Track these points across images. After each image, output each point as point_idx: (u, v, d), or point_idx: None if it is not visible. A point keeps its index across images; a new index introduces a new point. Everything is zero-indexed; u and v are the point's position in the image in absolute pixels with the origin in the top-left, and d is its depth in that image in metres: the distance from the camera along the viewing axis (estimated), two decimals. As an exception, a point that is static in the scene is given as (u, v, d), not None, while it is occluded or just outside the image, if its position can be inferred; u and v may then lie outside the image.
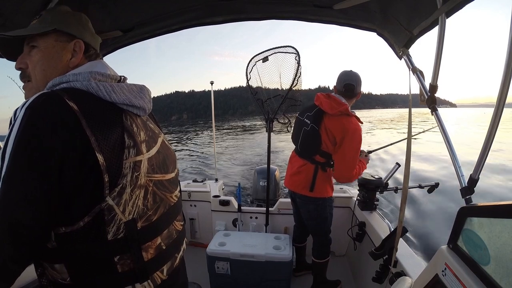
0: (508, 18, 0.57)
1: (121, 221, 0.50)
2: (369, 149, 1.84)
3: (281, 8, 1.17)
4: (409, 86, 1.01)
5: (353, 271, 1.95)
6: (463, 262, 0.68)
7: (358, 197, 1.88)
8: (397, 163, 1.75)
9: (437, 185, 1.58)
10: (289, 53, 1.93)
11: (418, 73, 1.04)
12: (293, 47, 1.91)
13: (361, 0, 0.95)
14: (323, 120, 1.49)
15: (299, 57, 1.90)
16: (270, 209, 2.11)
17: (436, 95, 0.94)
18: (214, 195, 2.29)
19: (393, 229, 1.31)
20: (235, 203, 2.21)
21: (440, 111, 0.95)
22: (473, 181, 0.73)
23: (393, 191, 1.74)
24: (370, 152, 1.77)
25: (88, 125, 0.47)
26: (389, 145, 2.14)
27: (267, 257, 1.57)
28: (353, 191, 2.22)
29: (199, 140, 18.03)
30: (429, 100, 0.94)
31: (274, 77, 2.05)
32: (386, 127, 24.37)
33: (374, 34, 1.23)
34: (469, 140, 11.43)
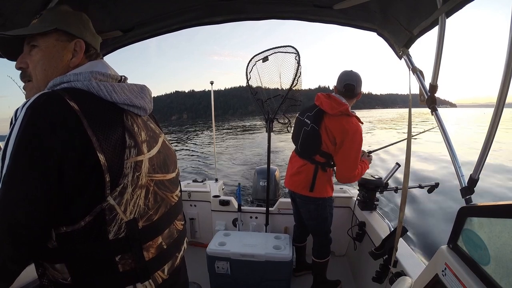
0: (508, 18, 0.57)
1: (122, 221, 0.50)
2: (370, 149, 1.84)
3: (281, 8, 1.17)
4: (409, 86, 1.01)
5: (353, 271, 1.95)
6: (463, 262, 0.68)
7: (358, 197, 1.88)
8: (397, 163, 1.75)
9: (437, 185, 1.58)
10: (289, 53, 1.93)
11: (418, 73, 1.04)
12: (293, 47, 1.91)
13: (361, 0, 0.96)
14: (323, 120, 1.49)
15: (299, 57, 1.89)
16: (270, 209, 2.11)
17: (436, 95, 0.94)
18: (214, 195, 2.29)
19: (393, 229, 1.31)
20: (235, 203, 2.21)
21: (440, 111, 0.95)
22: (473, 181, 0.73)
23: (393, 191, 1.75)
24: (370, 152, 1.77)
25: (89, 125, 0.47)
26: (389, 145, 2.14)
27: (267, 257, 1.57)
28: (353, 191, 2.22)
29: (199, 140, 18.04)
30: (429, 100, 0.94)
31: (274, 77, 2.05)
32: (386, 127, 24.36)
33: (374, 34, 1.24)
34: (469, 140, 11.44)
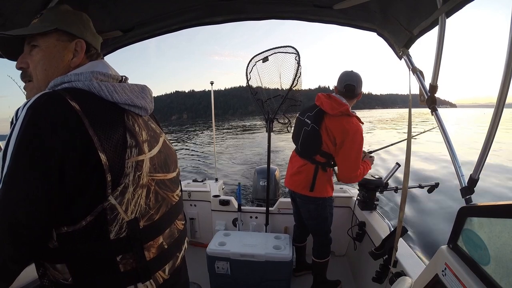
0: (508, 18, 0.57)
1: (123, 220, 0.50)
2: (370, 149, 1.84)
3: (281, 8, 1.17)
4: (409, 86, 1.01)
5: (353, 271, 1.95)
6: (463, 262, 0.68)
7: (358, 197, 1.88)
8: (397, 163, 1.75)
9: (437, 185, 1.58)
10: (289, 53, 1.93)
11: (418, 73, 1.04)
12: (293, 47, 1.91)
13: (361, 0, 0.96)
14: (323, 120, 1.49)
15: (299, 57, 1.90)
16: (270, 208, 2.11)
17: (436, 95, 0.94)
18: (214, 194, 2.29)
19: (393, 229, 1.31)
20: (235, 203, 2.21)
21: (440, 111, 0.95)
22: (473, 181, 0.73)
23: (393, 191, 1.75)
24: (370, 152, 1.77)
25: (90, 125, 0.47)
26: (389, 146, 2.14)
27: (267, 257, 1.57)
28: (353, 191, 2.22)
29: (199, 139, 18.04)
30: (429, 100, 0.94)
31: (274, 77, 2.05)
32: (386, 127, 24.37)
33: (374, 34, 1.23)
34: (469, 140, 11.44)
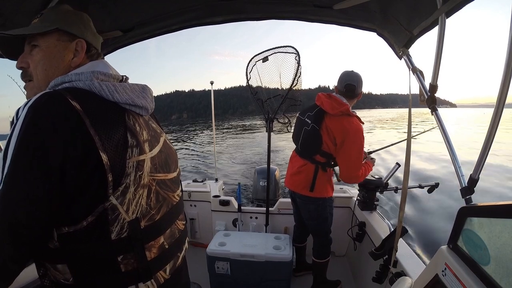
0: (508, 18, 0.57)
1: (124, 221, 0.50)
2: (370, 149, 1.84)
3: (281, 8, 1.17)
4: (409, 86, 1.01)
5: (353, 271, 1.95)
6: (463, 262, 0.68)
7: (358, 197, 1.88)
8: (397, 163, 1.75)
9: (437, 185, 1.58)
10: (289, 53, 1.93)
11: (418, 73, 1.04)
12: (293, 47, 1.91)
13: (361, 0, 0.96)
14: (324, 120, 1.49)
15: (299, 57, 1.90)
16: (270, 209, 2.11)
17: (436, 95, 0.94)
18: (214, 195, 2.29)
19: (393, 229, 1.31)
20: (235, 203, 2.21)
21: (440, 111, 0.95)
22: (473, 181, 0.73)
23: (393, 191, 1.75)
24: (370, 152, 1.77)
25: (91, 125, 0.47)
26: (389, 146, 2.14)
27: (267, 257, 1.57)
28: (353, 191, 2.22)
29: (199, 139, 18.05)
30: (429, 100, 0.95)
31: (274, 77, 2.05)
32: (386, 127, 24.36)
33: (374, 34, 1.24)
34: (469, 140, 11.43)
